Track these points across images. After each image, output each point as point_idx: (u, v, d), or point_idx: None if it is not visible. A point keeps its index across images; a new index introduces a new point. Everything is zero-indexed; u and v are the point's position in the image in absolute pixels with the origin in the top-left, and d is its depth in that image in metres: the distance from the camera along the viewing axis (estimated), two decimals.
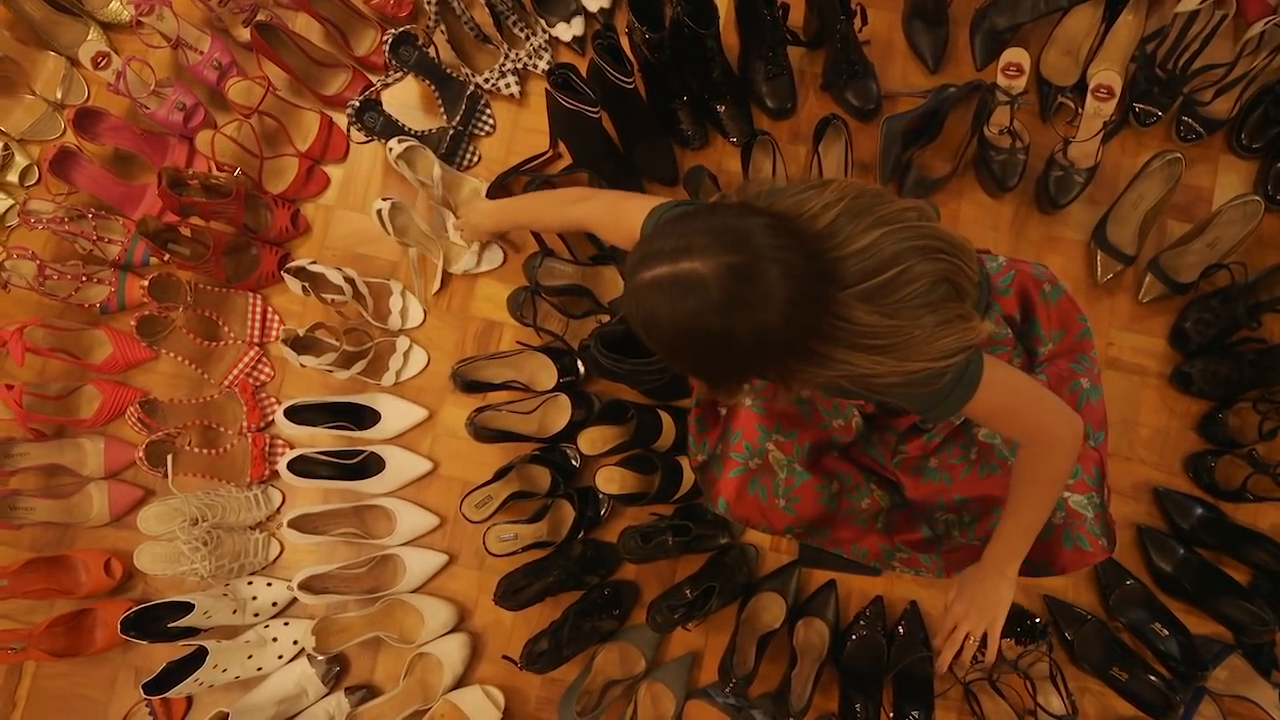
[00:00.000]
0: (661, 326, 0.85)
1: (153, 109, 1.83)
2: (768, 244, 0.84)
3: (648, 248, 0.86)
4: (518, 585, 1.65)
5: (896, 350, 0.91)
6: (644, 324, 0.88)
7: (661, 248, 0.85)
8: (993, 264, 1.45)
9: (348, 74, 1.90)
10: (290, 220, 1.84)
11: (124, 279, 1.84)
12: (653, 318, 0.86)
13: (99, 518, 1.79)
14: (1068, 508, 1.32)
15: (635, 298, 0.86)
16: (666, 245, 0.84)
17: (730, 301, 0.81)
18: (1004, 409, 1.12)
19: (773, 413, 1.47)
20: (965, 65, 1.88)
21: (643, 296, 0.85)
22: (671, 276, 0.82)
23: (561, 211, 1.53)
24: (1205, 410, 1.77)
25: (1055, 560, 1.34)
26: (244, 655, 1.69)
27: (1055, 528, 1.31)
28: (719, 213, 0.88)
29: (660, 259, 0.84)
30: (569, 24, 1.88)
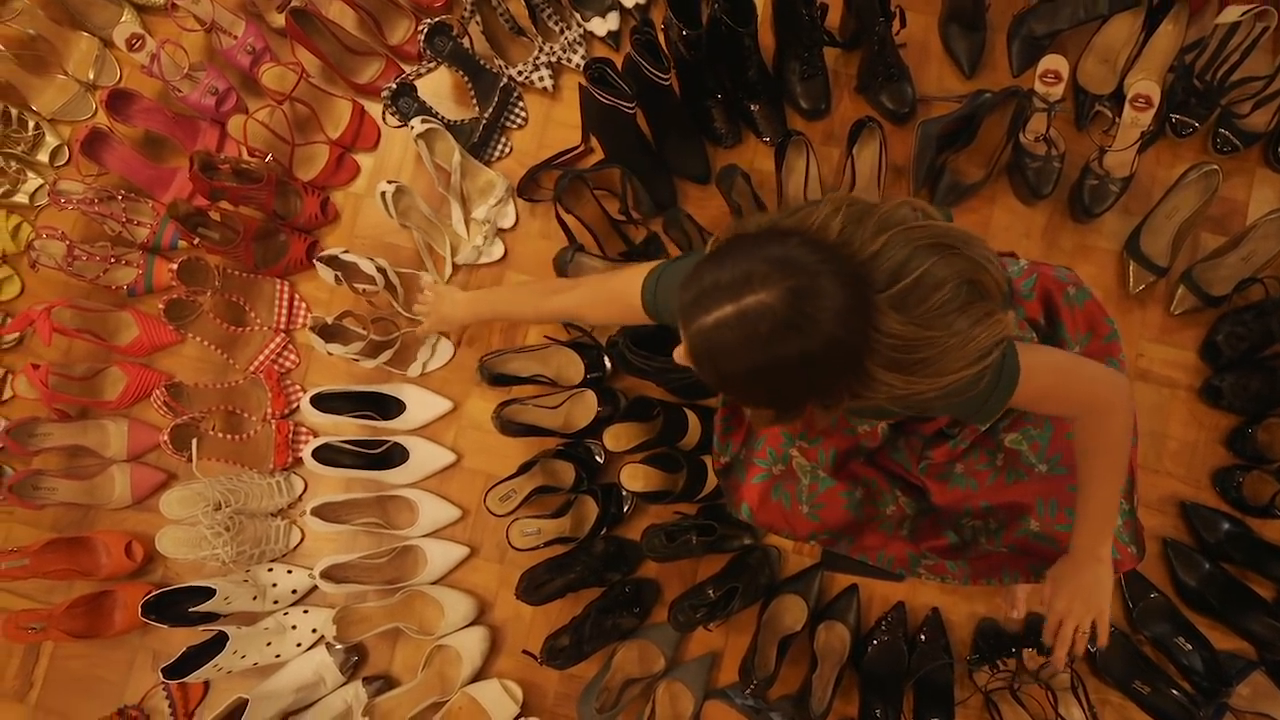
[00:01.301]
0: (737, 362, 0.84)
1: (185, 92, 1.83)
2: (812, 260, 0.83)
3: (695, 293, 0.85)
4: (540, 580, 1.65)
5: (933, 363, 0.90)
6: (716, 365, 0.85)
7: (714, 287, 0.83)
8: (1014, 268, 1.43)
9: (381, 62, 1.90)
10: (320, 207, 1.84)
11: (152, 262, 1.83)
12: (727, 356, 0.84)
13: (120, 500, 1.78)
14: None
15: (703, 342, 0.85)
16: (721, 282, 0.83)
17: (801, 322, 0.81)
18: (1049, 390, 1.10)
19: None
20: (1001, 71, 1.87)
21: (711, 339, 0.83)
22: (738, 314, 0.81)
23: (542, 303, 1.48)
24: (1234, 425, 1.76)
25: None
26: (263, 642, 1.69)
27: None
28: (755, 243, 0.87)
29: (717, 299, 0.82)
30: (604, 19, 1.88)
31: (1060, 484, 1.33)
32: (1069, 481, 1.32)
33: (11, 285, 1.88)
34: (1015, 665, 1.68)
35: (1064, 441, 1.34)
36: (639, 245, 1.80)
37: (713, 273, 0.85)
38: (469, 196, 1.84)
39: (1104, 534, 1.23)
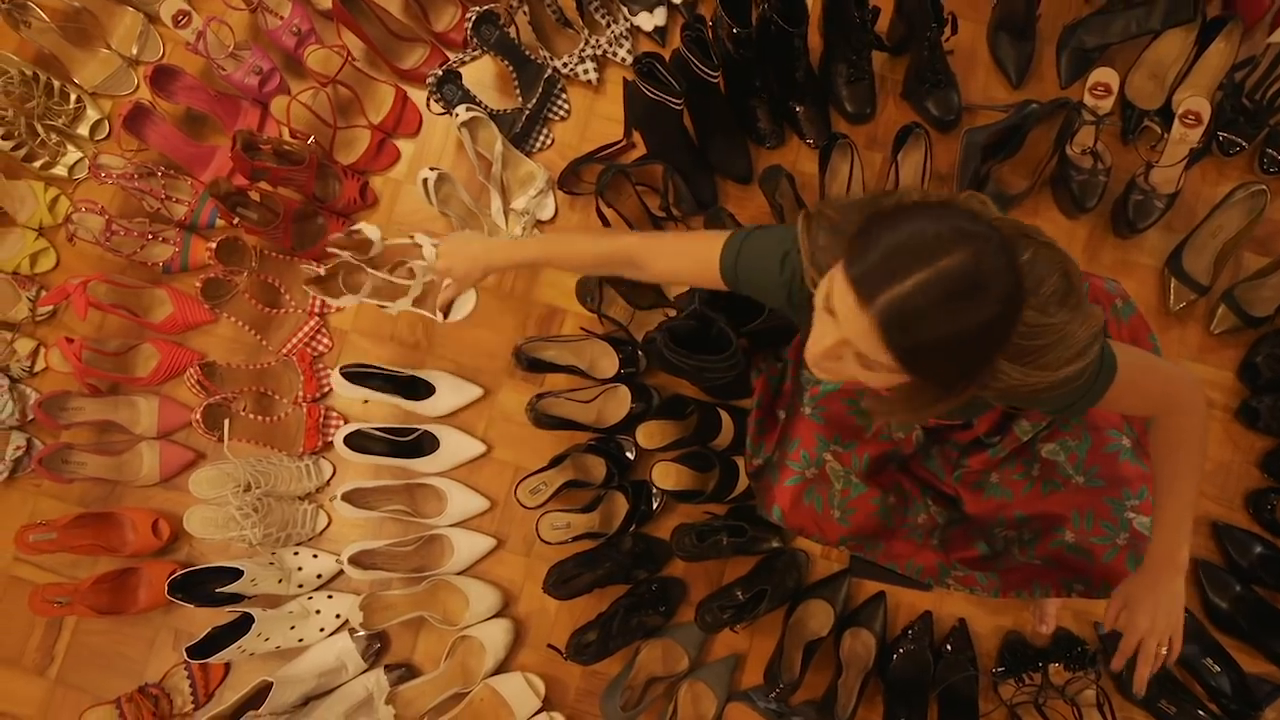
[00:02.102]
0: (935, 328, 0.79)
1: (229, 71, 1.82)
2: (983, 229, 0.81)
3: (877, 261, 0.80)
4: (568, 575, 1.64)
5: (1049, 352, 0.88)
6: (911, 332, 0.80)
7: (900, 251, 0.80)
8: None
9: (425, 49, 1.89)
10: (359, 192, 1.83)
11: (188, 239, 1.83)
12: (924, 322, 0.79)
13: (148, 477, 1.78)
14: (1132, 529, 1.29)
15: (899, 308, 0.79)
16: (906, 246, 0.80)
17: (990, 286, 0.79)
18: (1136, 385, 1.08)
19: (832, 423, 1.45)
20: (1049, 82, 1.86)
21: (908, 304, 0.79)
22: (936, 276, 0.78)
23: (601, 241, 1.35)
24: (1270, 447, 1.75)
25: (1116, 581, 1.31)
26: (286, 625, 1.69)
27: (1120, 548, 1.29)
28: (920, 211, 0.84)
29: (907, 264, 0.79)
30: (651, 14, 1.87)
31: (1097, 496, 1.32)
32: (1106, 494, 1.30)
33: (48, 258, 1.87)
34: (1041, 679, 1.67)
35: (1102, 454, 1.33)
36: None
37: (889, 239, 0.81)
38: (509, 187, 1.83)
39: (1183, 538, 1.17)
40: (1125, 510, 1.30)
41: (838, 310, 0.84)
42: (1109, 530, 1.30)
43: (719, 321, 1.60)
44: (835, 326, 0.85)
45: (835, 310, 0.84)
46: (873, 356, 0.83)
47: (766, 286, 1.13)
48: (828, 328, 0.87)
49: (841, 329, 0.84)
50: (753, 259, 1.13)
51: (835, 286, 0.84)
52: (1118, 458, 1.31)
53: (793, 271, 1.09)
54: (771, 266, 1.11)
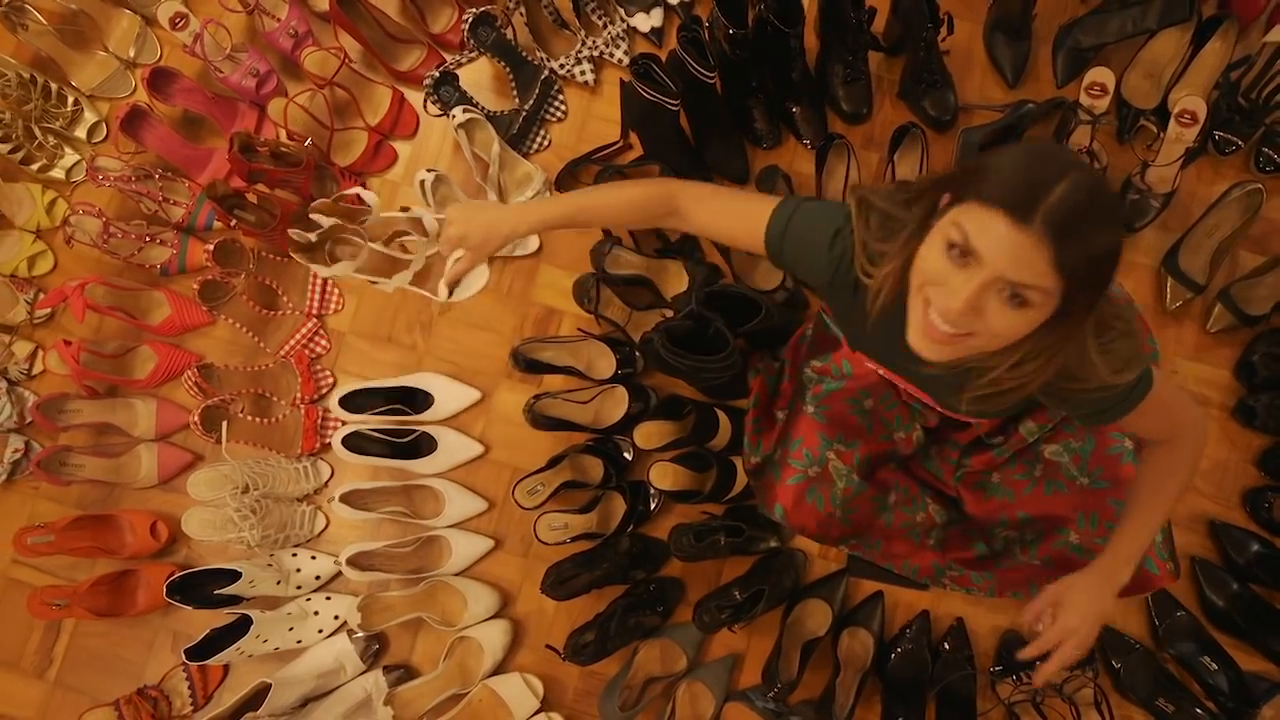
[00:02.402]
0: (1100, 228, 0.80)
1: (226, 73, 1.82)
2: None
3: (1018, 181, 0.80)
4: (566, 575, 1.64)
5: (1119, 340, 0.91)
6: (1085, 235, 0.79)
7: (1039, 163, 0.80)
8: None
9: (422, 50, 1.89)
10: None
11: (186, 242, 1.83)
12: (1088, 223, 0.79)
13: (146, 479, 1.78)
14: None
15: (1063, 213, 0.78)
16: (1044, 156, 0.81)
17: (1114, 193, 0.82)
18: (1161, 407, 1.09)
19: (835, 422, 1.46)
20: (1045, 82, 1.86)
21: (1071, 206, 0.78)
22: (1086, 176, 0.79)
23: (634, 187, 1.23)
24: (1267, 445, 1.75)
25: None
26: (285, 627, 1.69)
27: None
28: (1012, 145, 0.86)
29: (1057, 172, 0.79)
30: (648, 15, 1.87)
31: (1102, 498, 1.32)
32: (1111, 495, 1.31)
33: (45, 261, 1.87)
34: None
35: (1106, 456, 1.33)
36: (675, 243, 1.80)
37: (1021, 159, 0.82)
38: (506, 188, 1.83)
39: (1135, 556, 1.18)
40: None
41: (984, 245, 0.81)
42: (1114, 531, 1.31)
43: (716, 322, 1.60)
44: (977, 270, 0.82)
45: (978, 248, 0.81)
46: (1030, 279, 0.80)
47: (811, 261, 1.10)
48: (962, 279, 0.84)
49: (991, 265, 0.81)
50: (803, 230, 1.09)
51: (972, 224, 0.82)
52: (1120, 459, 1.32)
53: (843, 250, 1.07)
54: (821, 241, 1.08)
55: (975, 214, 0.81)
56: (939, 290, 0.87)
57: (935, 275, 0.87)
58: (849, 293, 1.09)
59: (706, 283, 1.72)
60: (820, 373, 1.48)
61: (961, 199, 0.84)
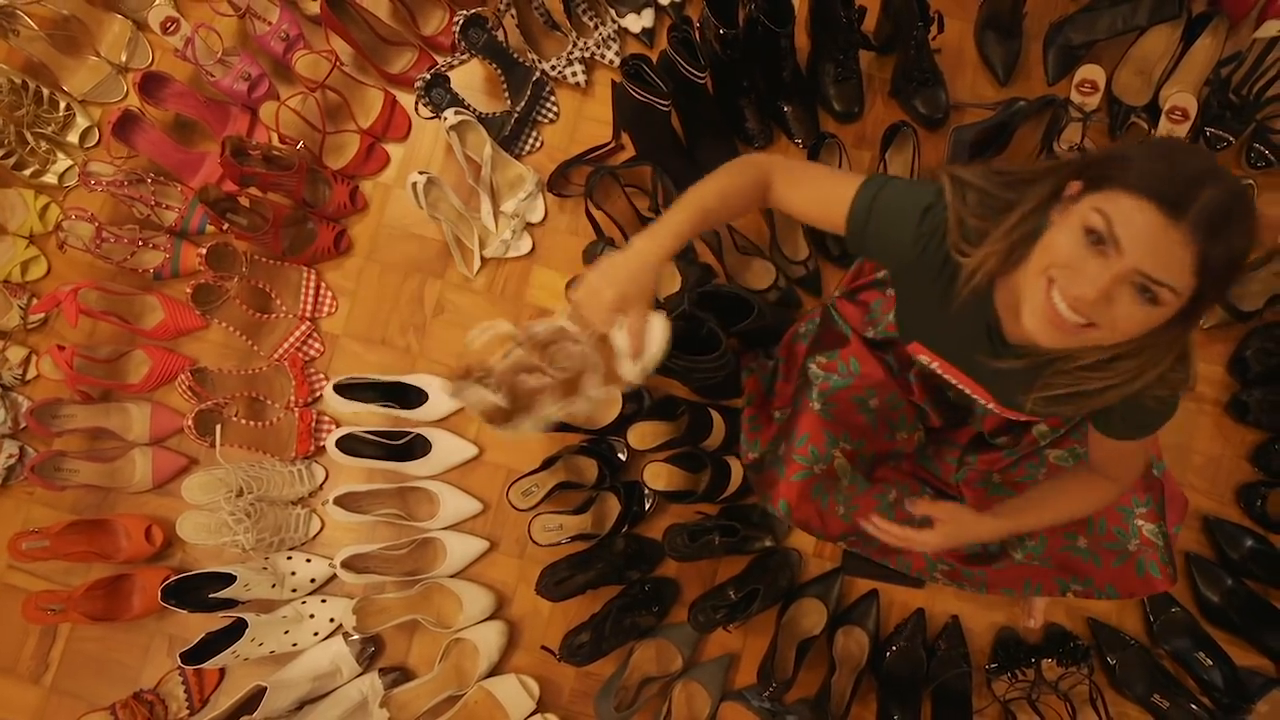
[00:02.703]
0: (1243, 236, 0.80)
1: (218, 77, 1.82)
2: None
3: (1175, 178, 0.79)
4: (561, 576, 1.65)
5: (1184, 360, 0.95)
6: (1224, 240, 0.79)
7: (1196, 163, 0.81)
8: None
9: (414, 53, 1.89)
10: (349, 197, 1.83)
11: (179, 246, 1.83)
12: (1236, 230, 0.80)
13: (141, 483, 1.78)
14: (1142, 536, 1.30)
15: (1215, 214, 0.78)
16: (1201, 161, 0.81)
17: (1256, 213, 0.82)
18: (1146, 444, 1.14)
19: (840, 420, 1.46)
20: (1035, 79, 1.86)
21: (1223, 209, 0.78)
22: (1237, 186, 0.80)
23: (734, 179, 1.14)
24: (1260, 440, 1.75)
25: (1124, 585, 1.32)
26: (280, 630, 1.69)
27: (1130, 554, 1.30)
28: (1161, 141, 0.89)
29: (1213, 176, 0.79)
30: (639, 15, 1.87)
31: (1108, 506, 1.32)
32: (1117, 501, 1.31)
33: (38, 266, 1.87)
34: (1034, 675, 1.67)
35: None
36: None
37: (1180, 157, 0.82)
38: (498, 189, 1.83)
39: (1006, 533, 1.30)
40: (1134, 518, 1.32)
41: (1127, 235, 0.80)
42: (1120, 537, 1.32)
43: (709, 322, 1.60)
44: (1116, 259, 0.82)
45: (1121, 236, 0.80)
46: (1167, 277, 0.80)
47: (897, 237, 1.06)
48: (1097, 267, 0.83)
49: (1131, 256, 0.81)
50: (892, 206, 1.06)
51: (1118, 212, 0.81)
52: None
53: (934, 228, 1.03)
54: (910, 216, 1.05)
55: (1122, 202, 0.80)
56: (1069, 275, 0.85)
57: (1067, 259, 0.85)
58: (931, 274, 1.06)
59: (699, 283, 1.72)
60: (826, 369, 1.48)
61: (1100, 186, 0.83)
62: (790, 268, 1.79)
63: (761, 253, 1.80)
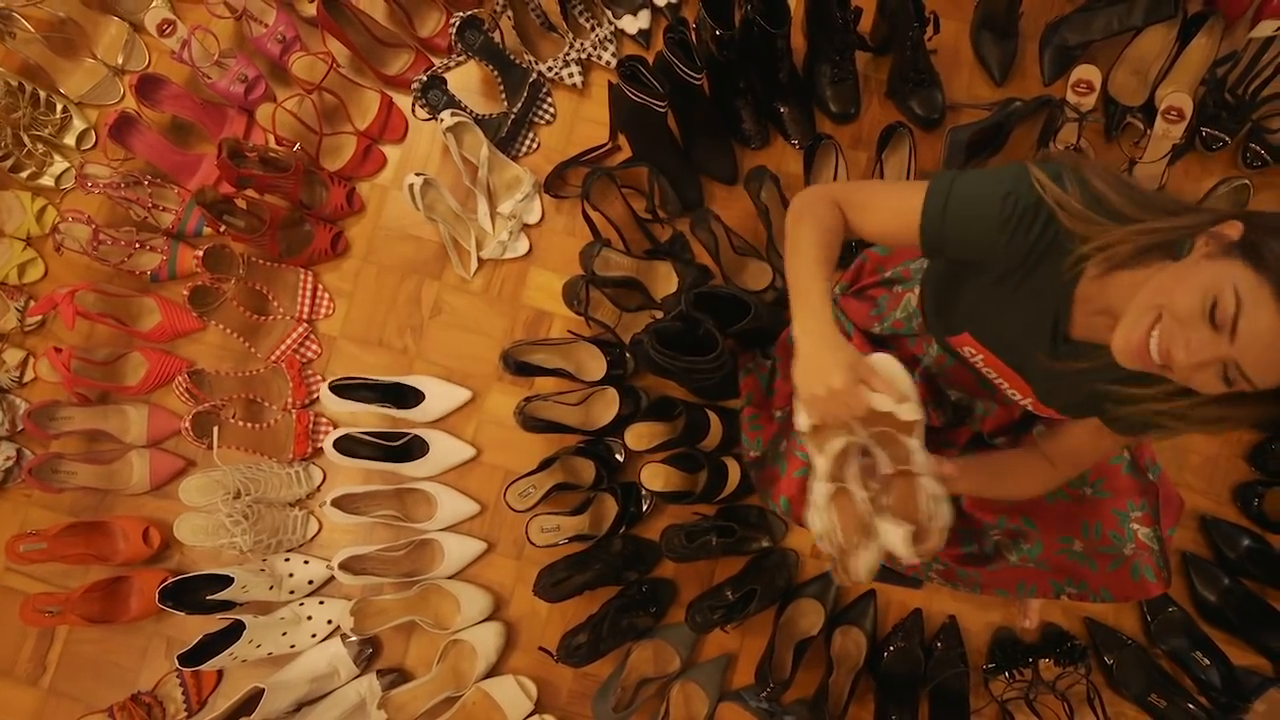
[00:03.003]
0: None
1: (214, 79, 1.82)
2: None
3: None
4: (558, 577, 1.65)
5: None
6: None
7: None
8: None
9: (410, 54, 1.89)
10: (345, 198, 1.83)
11: (176, 248, 1.83)
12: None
13: (139, 485, 1.78)
14: (1138, 540, 1.30)
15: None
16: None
17: None
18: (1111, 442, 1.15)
19: None
20: (1032, 79, 1.87)
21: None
22: None
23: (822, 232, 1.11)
24: (1256, 440, 1.76)
25: (1119, 589, 1.32)
26: (278, 632, 1.69)
27: (1126, 558, 1.30)
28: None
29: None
30: (635, 17, 1.87)
31: (1104, 507, 1.32)
32: (1113, 505, 1.31)
33: (35, 268, 1.88)
34: (1031, 675, 1.68)
35: (1107, 466, 1.33)
36: (665, 244, 1.80)
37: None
38: (495, 191, 1.83)
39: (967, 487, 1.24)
40: (1130, 521, 1.32)
41: (1249, 333, 0.79)
42: (1116, 541, 1.31)
43: (706, 323, 1.60)
44: (1224, 342, 0.80)
45: (1242, 331, 0.79)
46: (1254, 377, 0.80)
47: (983, 224, 1.00)
48: (1205, 338, 0.82)
49: (1240, 349, 0.80)
50: (969, 196, 1.01)
51: (1252, 303, 0.79)
52: (1121, 470, 1.32)
53: (1021, 212, 0.97)
54: (991, 205, 0.99)
55: (1260, 297, 0.78)
56: (1175, 329, 0.84)
57: (1181, 314, 0.83)
58: (1015, 260, 1.01)
59: (696, 284, 1.72)
60: None
61: (1253, 260, 0.80)
62: None
63: (758, 253, 1.80)
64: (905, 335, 1.35)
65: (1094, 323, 1.02)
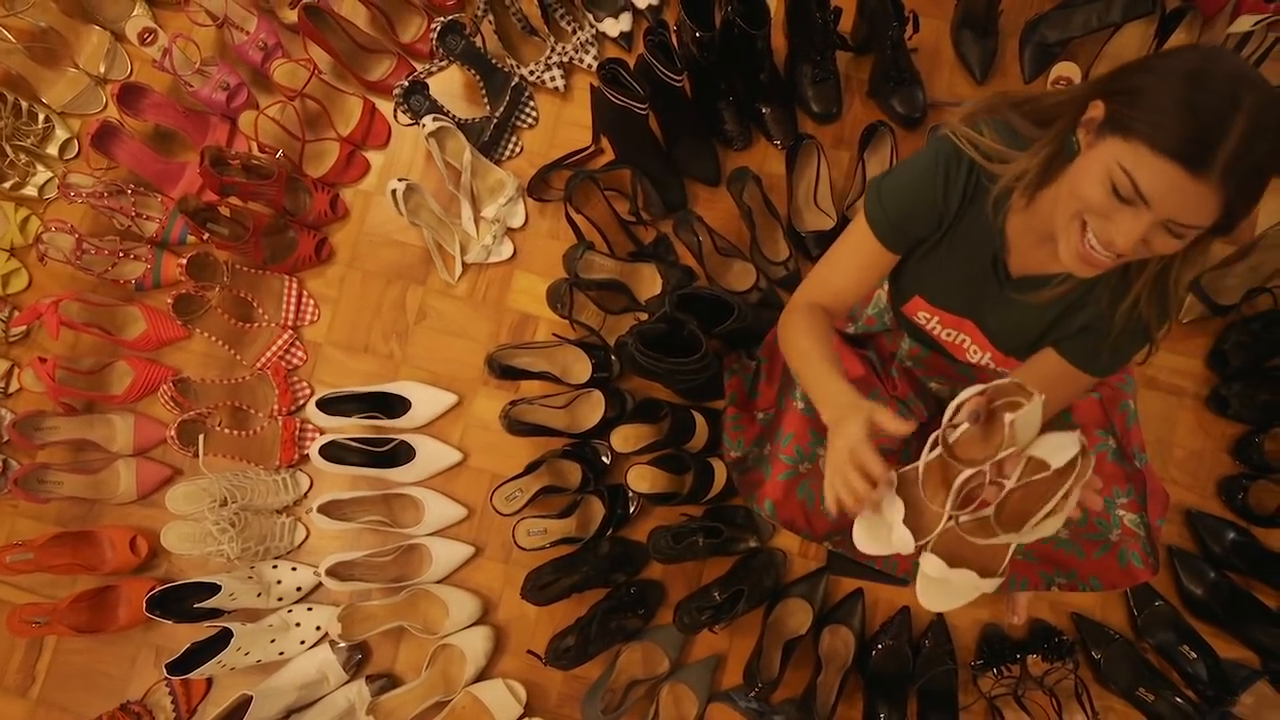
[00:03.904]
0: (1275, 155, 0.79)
1: (196, 87, 1.82)
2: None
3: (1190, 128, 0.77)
4: (545, 580, 1.65)
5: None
6: (1257, 179, 0.79)
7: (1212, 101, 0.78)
8: None
9: (392, 60, 1.90)
10: (329, 205, 1.84)
11: (160, 256, 1.83)
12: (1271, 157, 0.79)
13: (125, 495, 1.78)
14: (1124, 526, 1.30)
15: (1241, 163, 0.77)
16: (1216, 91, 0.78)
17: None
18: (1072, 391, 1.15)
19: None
20: (1012, 77, 1.87)
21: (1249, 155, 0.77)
22: (1258, 107, 0.77)
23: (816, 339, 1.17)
24: (1241, 433, 1.76)
25: (1107, 577, 1.32)
26: (267, 639, 1.69)
27: (1112, 544, 1.30)
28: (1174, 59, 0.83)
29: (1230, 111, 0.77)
30: (617, 19, 1.88)
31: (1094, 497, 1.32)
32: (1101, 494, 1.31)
33: (19, 278, 1.87)
34: (1020, 671, 1.68)
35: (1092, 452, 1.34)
36: (648, 246, 1.80)
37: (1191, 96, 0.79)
38: (479, 195, 1.84)
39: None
40: (1115, 508, 1.32)
41: (1154, 193, 0.80)
42: (1102, 527, 1.31)
43: (690, 324, 1.61)
44: (1144, 212, 0.82)
45: (1149, 196, 0.81)
46: (1199, 221, 0.81)
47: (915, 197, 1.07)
48: (1128, 217, 0.84)
49: (1159, 209, 0.81)
50: (897, 182, 1.08)
51: (1141, 172, 0.80)
52: (1106, 458, 1.33)
53: (945, 165, 1.04)
54: (918, 174, 1.06)
55: (1143, 160, 0.80)
56: (1101, 223, 0.87)
57: (1096, 208, 0.86)
58: (952, 212, 1.07)
59: (680, 285, 1.73)
60: None
61: (1122, 133, 0.82)
62: (771, 268, 1.79)
63: (742, 254, 1.80)
64: (879, 331, 1.35)
65: (1039, 255, 1.06)
